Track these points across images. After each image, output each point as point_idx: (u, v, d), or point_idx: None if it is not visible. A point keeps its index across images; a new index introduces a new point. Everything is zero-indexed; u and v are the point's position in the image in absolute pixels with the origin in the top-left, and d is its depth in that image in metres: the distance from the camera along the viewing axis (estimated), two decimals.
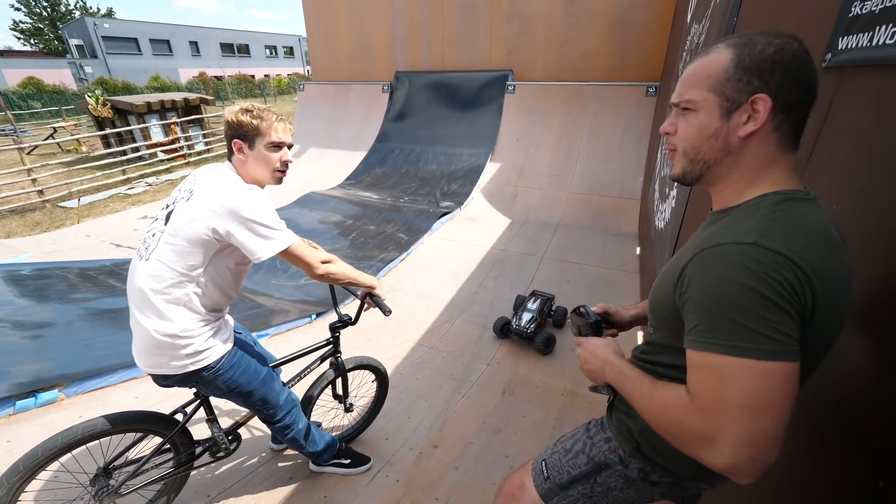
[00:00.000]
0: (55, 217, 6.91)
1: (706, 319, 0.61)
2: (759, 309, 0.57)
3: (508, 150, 6.70)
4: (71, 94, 22.46)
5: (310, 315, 3.44)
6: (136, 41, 28.86)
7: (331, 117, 8.58)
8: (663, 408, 0.68)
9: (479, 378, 2.71)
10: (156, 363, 1.32)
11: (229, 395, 1.46)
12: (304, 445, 1.74)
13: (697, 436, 0.62)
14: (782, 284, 0.56)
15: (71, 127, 13.66)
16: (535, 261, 4.40)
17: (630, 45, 6.21)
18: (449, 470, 2.00)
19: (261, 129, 1.30)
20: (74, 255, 4.77)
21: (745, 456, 0.57)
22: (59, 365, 2.54)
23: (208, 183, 1.27)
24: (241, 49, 35.43)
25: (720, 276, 0.60)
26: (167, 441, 1.51)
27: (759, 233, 0.60)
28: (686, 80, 0.71)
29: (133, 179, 8.83)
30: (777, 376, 0.57)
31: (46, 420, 2.18)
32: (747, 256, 0.58)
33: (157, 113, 10.31)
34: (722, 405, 0.59)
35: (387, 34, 8.07)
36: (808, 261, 0.57)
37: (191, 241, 1.23)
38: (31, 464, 1.27)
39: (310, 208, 6.10)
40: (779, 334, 0.57)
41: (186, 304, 1.28)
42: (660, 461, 0.83)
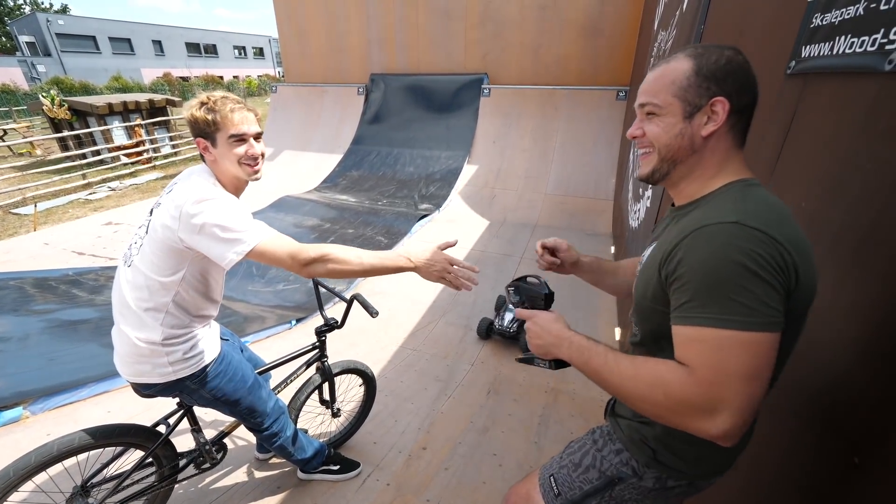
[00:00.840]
0: (8, 224, 6.46)
1: (698, 295, 0.64)
2: (748, 283, 0.60)
3: (485, 153, 6.78)
4: (22, 94, 21.03)
5: (289, 321, 3.35)
6: (94, 39, 27.37)
7: (305, 119, 8.42)
8: (655, 381, 0.67)
9: (464, 379, 2.72)
10: (139, 371, 1.26)
11: (215, 403, 1.41)
12: (293, 453, 1.70)
13: (696, 406, 0.63)
14: (766, 259, 0.60)
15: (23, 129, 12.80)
16: (514, 261, 4.47)
17: (601, 50, 6.42)
18: (439, 471, 2.00)
19: (217, 122, 1.17)
20: (32, 264, 4.47)
21: (741, 421, 0.61)
22: (17, 381, 2.37)
23: (177, 187, 1.21)
24: (209, 49, 34.22)
25: (710, 254, 0.63)
26: (149, 454, 1.44)
27: (738, 213, 0.64)
28: (650, 86, 0.76)
29: (95, 184, 8.37)
30: (764, 345, 0.61)
31: (10, 439, 2.04)
32: (732, 234, 0.63)
33: (119, 115, 9.81)
34: (720, 376, 0.61)
35: (361, 36, 8.01)
36: (786, 236, 0.62)
37: (163, 248, 1.17)
38: (3, 484, 1.19)
39: (285, 212, 5.95)
40: (765, 307, 0.60)
41: (169, 310, 1.23)
42: (679, 466, 0.82)
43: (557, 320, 0.84)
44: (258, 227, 1.18)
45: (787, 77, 1.08)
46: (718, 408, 0.61)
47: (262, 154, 1.27)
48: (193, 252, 1.18)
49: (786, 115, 1.07)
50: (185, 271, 1.21)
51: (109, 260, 4.63)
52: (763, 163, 1.17)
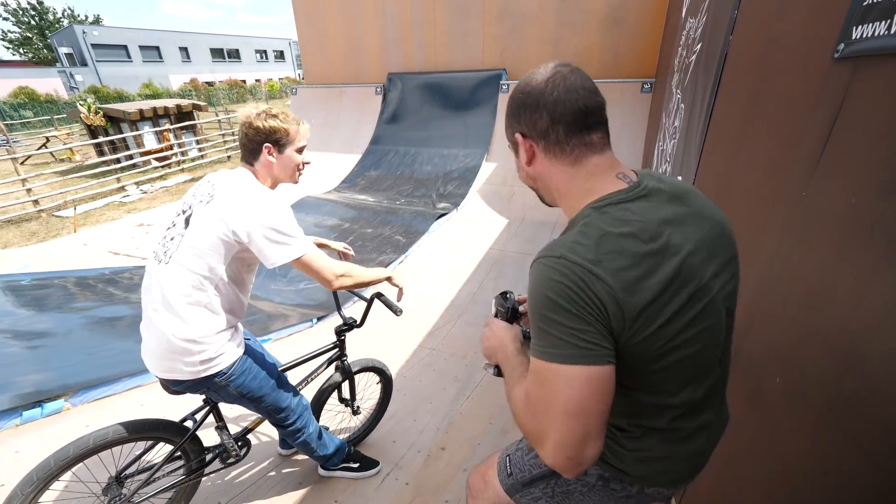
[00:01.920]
0: (51, 226, 6.81)
1: (531, 326, 0.66)
2: (558, 316, 0.61)
3: (504, 150, 6.68)
4: (63, 102, 22.17)
5: (311, 319, 3.40)
6: (126, 48, 28.53)
7: (324, 121, 8.52)
8: (513, 404, 0.71)
9: (483, 379, 2.68)
10: (169, 367, 1.30)
11: (241, 400, 1.44)
12: (315, 449, 1.72)
13: (531, 434, 0.66)
14: (576, 292, 0.60)
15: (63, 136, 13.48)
16: None
17: (623, 41, 6.22)
18: (457, 472, 1.97)
19: (290, 133, 1.34)
20: (73, 264, 4.69)
21: (563, 456, 0.61)
22: (61, 375, 2.49)
23: (229, 187, 1.27)
24: (232, 54, 35.15)
25: (533, 288, 0.65)
26: (178, 448, 1.49)
27: (567, 247, 0.64)
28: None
29: (127, 187, 8.72)
30: (581, 380, 0.60)
31: (53, 430, 2.14)
32: (552, 268, 0.63)
33: (149, 120, 10.19)
34: (544, 408, 0.63)
35: (378, 36, 8.02)
36: (611, 269, 0.61)
37: (212, 243, 1.23)
38: (44, 474, 1.26)
39: (306, 213, 6.05)
40: (577, 339, 0.60)
41: (207, 306, 1.28)
42: (619, 465, 0.81)
43: (509, 329, 0.87)
44: (303, 236, 1.31)
45: (833, 62, 0.99)
46: (543, 440, 0.63)
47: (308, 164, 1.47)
48: (241, 247, 1.25)
49: (832, 104, 0.98)
50: (227, 266, 1.27)
51: (142, 259, 4.81)
52: (806, 156, 1.08)
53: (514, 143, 0.78)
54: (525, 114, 0.73)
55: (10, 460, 1.93)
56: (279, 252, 1.24)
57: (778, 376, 1.06)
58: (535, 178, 0.79)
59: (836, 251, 0.91)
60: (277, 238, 1.23)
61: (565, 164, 0.73)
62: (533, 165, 0.76)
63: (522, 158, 0.77)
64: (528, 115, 0.73)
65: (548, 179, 0.77)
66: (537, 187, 0.81)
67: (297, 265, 1.28)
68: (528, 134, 0.74)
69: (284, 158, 1.36)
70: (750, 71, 1.52)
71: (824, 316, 0.92)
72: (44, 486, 1.28)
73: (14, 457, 1.96)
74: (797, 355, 0.99)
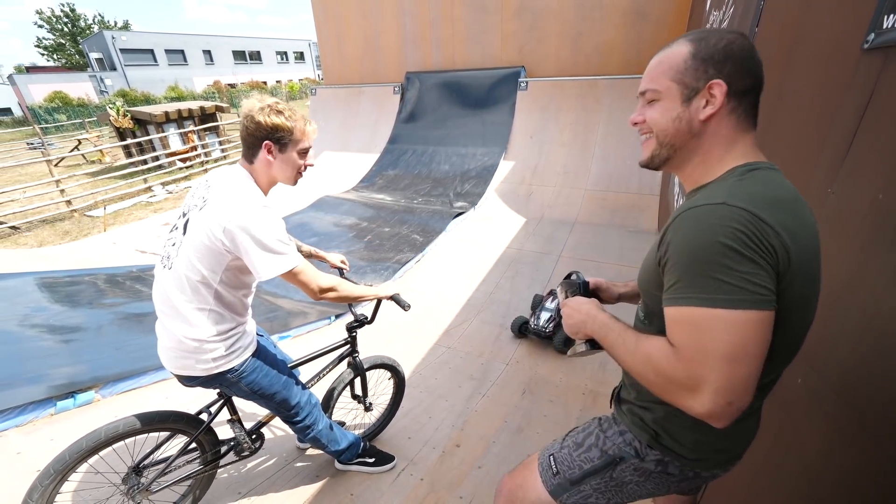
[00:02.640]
0: (83, 226, 7.17)
1: (683, 276, 0.65)
2: (729, 261, 0.61)
3: (522, 149, 6.66)
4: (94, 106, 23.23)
5: (329, 317, 3.48)
6: (153, 52, 29.68)
7: (343, 121, 8.66)
8: (647, 358, 0.71)
9: (499, 378, 2.70)
10: (182, 365, 1.35)
11: (252, 396, 1.49)
12: (326, 444, 1.76)
13: (681, 384, 0.66)
14: (748, 236, 0.60)
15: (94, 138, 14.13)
16: (551, 259, 4.37)
17: (646, 36, 6.10)
18: (472, 469, 2.00)
19: (295, 132, 1.27)
20: (103, 261, 4.93)
21: (724, 401, 0.62)
22: (92, 367, 2.63)
23: (221, 192, 1.24)
24: (253, 56, 36.08)
25: (693, 234, 0.65)
26: (193, 440, 1.54)
27: (728, 194, 0.65)
28: (650, 72, 0.78)
29: (154, 187, 9.08)
30: (750, 324, 0.61)
31: (84, 419, 2.26)
32: (716, 214, 0.63)
33: (174, 122, 10.59)
34: (702, 355, 0.63)
35: (397, 35, 8.11)
36: (777, 218, 0.62)
37: (204, 252, 1.23)
38: (60, 467, 1.32)
39: (325, 212, 6.17)
40: (749, 284, 0.60)
41: (212, 309, 1.30)
42: (679, 451, 0.82)
43: (590, 302, 0.89)
44: (294, 249, 1.28)
45: (863, 53, 0.97)
46: (700, 386, 0.63)
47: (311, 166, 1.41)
48: (232, 256, 1.24)
49: (861, 97, 0.96)
50: (222, 273, 1.27)
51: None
52: (832, 149, 1.06)
53: (694, 88, 0.72)
54: (734, 65, 0.69)
55: (46, 447, 2.06)
56: (268, 265, 1.21)
57: (799, 376, 1.04)
58: (696, 135, 0.74)
59: (861, 248, 0.89)
60: (265, 251, 1.21)
61: (738, 129, 0.72)
62: (709, 120, 0.72)
63: (699, 110, 0.72)
64: (736, 68, 0.69)
65: (710, 139, 0.73)
66: (685, 145, 0.75)
67: (286, 277, 1.26)
68: (729, 85, 0.70)
69: (285, 159, 1.29)
70: (776, 64, 1.49)
71: (849, 315, 0.90)
72: (62, 478, 1.33)
73: (49, 444, 2.08)
74: (819, 354, 0.98)
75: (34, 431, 2.18)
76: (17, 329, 3.07)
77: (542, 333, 2.91)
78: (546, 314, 3.00)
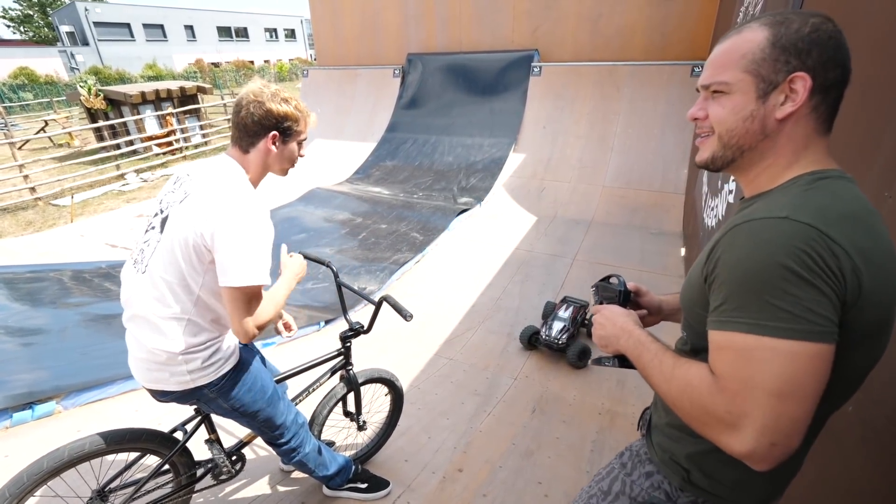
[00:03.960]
0: (48, 216, 7.15)
1: (732, 297, 0.63)
2: (788, 286, 0.58)
3: (534, 140, 6.64)
4: (63, 84, 23.25)
5: (318, 322, 3.46)
6: (129, 26, 29.69)
7: (337, 105, 8.65)
8: (684, 386, 0.69)
9: (506, 394, 2.67)
10: (156, 378, 1.33)
11: (232, 414, 1.47)
12: (314, 469, 1.74)
13: (720, 419, 0.63)
14: (815, 260, 0.57)
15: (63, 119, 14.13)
16: (565, 263, 4.34)
17: (672, 19, 6.08)
18: (476, 497, 1.97)
19: (301, 123, 1.31)
20: (69, 256, 4.92)
21: (767, 441, 0.59)
22: (54, 375, 2.61)
23: (208, 185, 1.22)
24: (240, 32, 36.10)
25: (748, 252, 0.62)
26: (166, 461, 1.51)
27: (793, 207, 0.61)
28: (717, 61, 0.73)
29: (127, 175, 9.07)
30: (805, 358, 0.58)
31: (43, 433, 2.24)
32: (777, 231, 0.60)
33: (151, 103, 10.58)
34: (746, 388, 0.61)
35: (398, 12, 8.09)
36: (848, 236, 0.59)
37: (185, 250, 1.20)
38: (17, 491, 1.28)
39: (315, 205, 6.16)
40: (809, 313, 0.58)
41: (189, 319, 1.27)
42: (715, 489, 0.80)
43: (626, 315, 0.87)
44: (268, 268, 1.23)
45: None
46: (742, 423, 0.61)
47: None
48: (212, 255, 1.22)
49: None
50: (206, 274, 1.25)
51: None
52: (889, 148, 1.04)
53: (773, 82, 0.68)
54: (821, 55, 0.65)
55: None
56: (238, 271, 1.17)
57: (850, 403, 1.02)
58: (769, 135, 0.70)
59: None
60: (243, 255, 1.17)
61: (817, 131, 0.69)
62: (786, 120, 0.68)
63: (776, 107, 0.68)
64: (824, 57, 0.65)
65: (784, 141, 0.70)
66: (755, 146, 0.72)
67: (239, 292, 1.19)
68: (814, 79, 0.66)
69: (286, 150, 1.33)
70: None
71: None
72: (18, 503, 1.30)
73: (2, 461, 2.06)
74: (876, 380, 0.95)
75: None
76: None
77: (554, 345, 2.89)
78: (559, 324, 2.97)
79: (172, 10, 31.93)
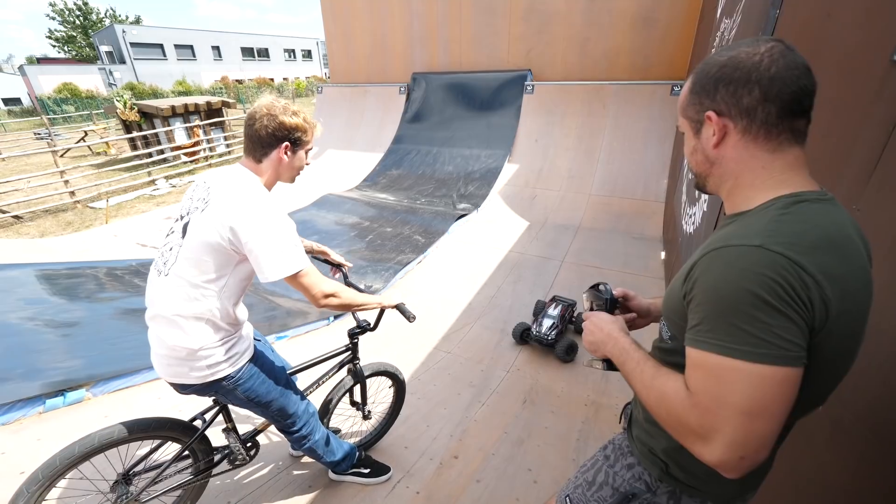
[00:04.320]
0: (85, 217, 7.15)
1: (707, 319, 0.62)
2: (757, 312, 0.57)
3: (526, 152, 6.60)
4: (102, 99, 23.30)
5: (328, 317, 3.43)
6: (162, 47, 29.75)
7: (348, 119, 8.63)
8: (661, 396, 0.69)
9: (499, 386, 2.64)
10: (176, 373, 1.31)
11: (248, 404, 1.45)
12: (322, 455, 1.71)
13: (692, 430, 0.64)
14: (784, 287, 0.56)
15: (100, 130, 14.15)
16: (554, 265, 4.31)
17: (654, 42, 6.04)
18: (470, 482, 1.94)
19: (309, 134, 1.32)
20: (104, 254, 4.90)
21: (736, 455, 0.59)
22: (87, 364, 2.59)
23: (227, 191, 1.21)
24: (261, 52, 36.12)
25: (722, 278, 0.61)
26: (186, 448, 1.50)
27: (766, 235, 0.60)
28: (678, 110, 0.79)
29: (157, 181, 9.07)
30: (773, 381, 0.57)
31: (74, 419, 2.22)
32: (750, 259, 0.59)
33: (180, 116, 10.57)
34: (717, 405, 0.60)
35: (404, 35, 8.08)
36: (818, 263, 0.57)
37: (209, 252, 1.19)
38: (49, 472, 1.27)
39: (327, 210, 6.13)
40: (777, 339, 0.57)
41: (208, 319, 1.25)
42: (691, 482, 0.79)
43: (614, 321, 0.87)
44: (302, 250, 1.26)
45: (891, 65, 0.92)
46: (713, 437, 0.61)
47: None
48: (240, 256, 1.21)
49: (890, 110, 0.91)
50: (229, 276, 1.24)
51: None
52: (857, 164, 1.00)
53: (698, 121, 0.73)
54: (726, 88, 0.67)
55: (32, 448, 2.01)
56: (277, 266, 1.18)
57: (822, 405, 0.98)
58: (715, 163, 0.73)
59: (890, 270, 0.83)
60: (274, 251, 1.18)
61: (763, 149, 0.67)
62: (720, 148, 0.70)
63: (708, 139, 0.72)
64: (731, 90, 0.67)
65: (732, 165, 0.70)
66: (710, 173, 0.75)
67: (290, 280, 1.22)
68: (725, 112, 0.68)
69: (295, 159, 1.33)
70: None
71: (875, 340, 0.85)
72: (49, 484, 1.29)
73: (36, 444, 2.03)
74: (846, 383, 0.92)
75: (21, 430, 2.13)
76: (14, 322, 3.03)
77: (543, 341, 2.86)
78: (549, 321, 2.94)
79: (201, 32, 32.02)
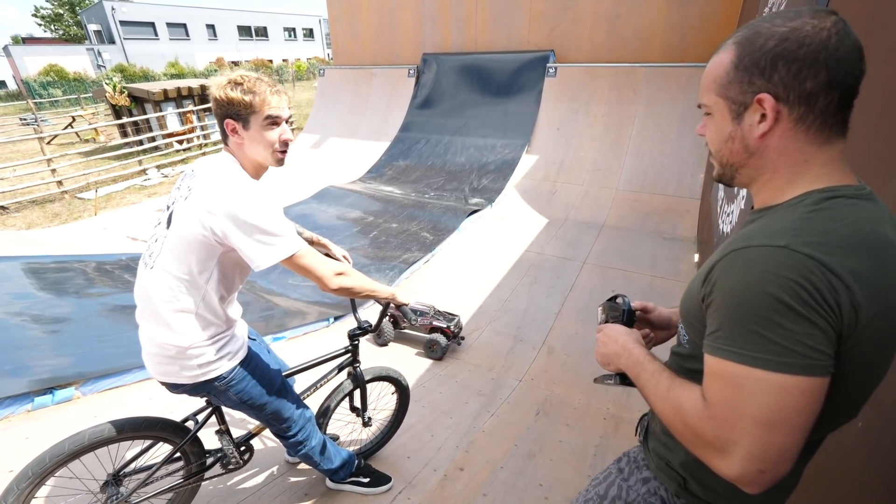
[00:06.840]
0: (73, 208, 7.39)
1: (726, 325, 0.63)
2: (782, 319, 0.57)
3: (547, 142, 6.61)
4: (90, 81, 23.94)
5: (328, 318, 3.52)
6: (153, 25, 30.43)
7: (352, 105, 8.73)
8: (677, 408, 0.70)
9: (511, 395, 2.68)
10: (167, 372, 1.37)
11: (241, 406, 1.51)
12: (319, 462, 1.77)
13: (709, 443, 0.65)
14: (809, 291, 0.56)
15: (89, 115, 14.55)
16: (575, 266, 4.32)
17: (692, 19, 5.98)
18: (476, 497, 1.99)
19: (254, 104, 1.22)
20: (92, 247, 5.08)
21: (755, 469, 0.60)
22: (76, 361, 2.72)
23: (207, 178, 1.24)
24: (259, 31, 36.64)
25: (743, 281, 0.61)
26: (178, 450, 1.57)
27: (792, 234, 0.60)
28: (702, 82, 0.74)
29: (149, 170, 9.32)
30: (795, 391, 0.58)
31: (62, 417, 2.33)
32: (773, 260, 0.59)
33: (173, 101, 10.83)
34: (735, 416, 0.61)
35: (414, 12, 8.12)
36: (849, 265, 0.57)
37: (192, 244, 1.22)
38: (39, 470, 1.35)
39: (328, 203, 6.24)
40: (801, 346, 0.57)
41: (197, 313, 1.30)
42: (710, 498, 0.80)
43: (628, 333, 0.88)
44: (294, 232, 1.26)
45: None
46: (731, 449, 0.62)
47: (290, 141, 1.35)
48: (225, 247, 1.25)
49: None
50: (214, 269, 1.28)
51: None
52: None
53: (742, 103, 0.67)
54: (787, 68, 0.62)
55: (21, 446, 2.12)
56: (263, 253, 1.20)
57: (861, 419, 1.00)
58: (755, 154, 0.69)
59: None
60: (260, 237, 1.19)
61: (813, 142, 0.65)
62: (766, 137, 0.66)
63: (752, 127, 0.67)
64: (793, 70, 0.62)
65: (774, 157, 0.67)
66: (746, 164, 0.71)
67: (288, 265, 1.24)
68: (783, 96, 0.63)
69: (252, 136, 1.26)
70: None
71: None
72: (39, 482, 1.37)
73: (24, 443, 2.15)
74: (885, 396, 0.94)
75: (9, 428, 2.25)
76: (1, 316, 3.18)
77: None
78: None
79: (195, 9, 32.60)
